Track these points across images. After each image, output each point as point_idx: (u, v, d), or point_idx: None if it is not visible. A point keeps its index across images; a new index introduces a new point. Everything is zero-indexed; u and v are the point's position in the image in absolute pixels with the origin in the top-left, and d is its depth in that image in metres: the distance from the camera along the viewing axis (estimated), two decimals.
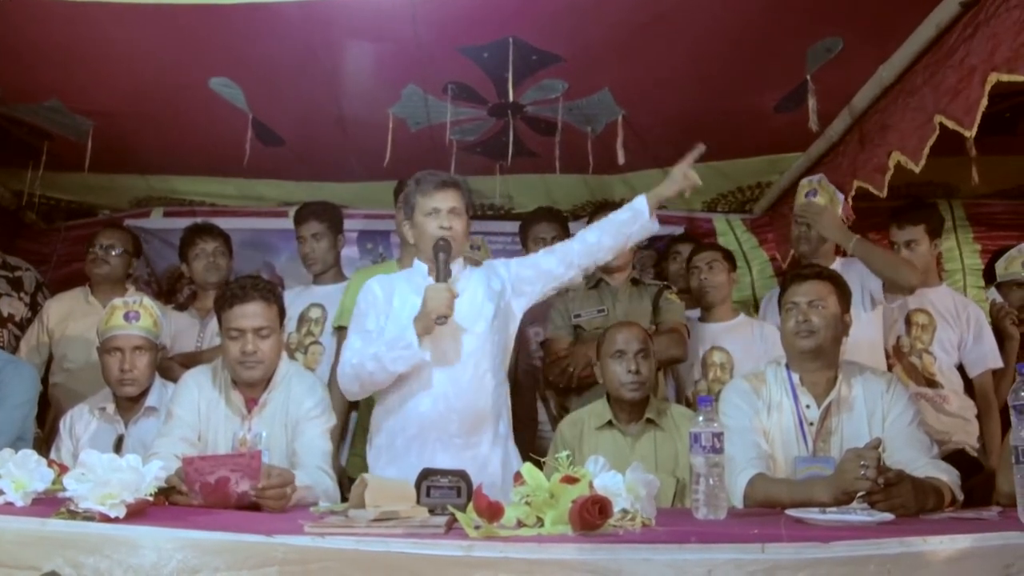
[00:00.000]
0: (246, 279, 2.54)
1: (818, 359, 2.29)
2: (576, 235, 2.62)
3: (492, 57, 2.74)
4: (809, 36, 2.64)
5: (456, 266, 2.50)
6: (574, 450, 2.45)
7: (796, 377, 2.32)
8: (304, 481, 2.14)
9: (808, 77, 2.83)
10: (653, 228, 2.57)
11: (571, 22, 2.56)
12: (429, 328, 2.30)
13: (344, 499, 2.26)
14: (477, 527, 1.48)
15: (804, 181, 3.27)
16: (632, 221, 2.54)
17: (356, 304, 2.55)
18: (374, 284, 2.53)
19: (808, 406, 2.29)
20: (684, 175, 2.50)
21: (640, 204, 2.53)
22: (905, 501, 1.82)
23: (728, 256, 3.41)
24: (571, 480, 1.60)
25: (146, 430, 2.68)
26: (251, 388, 2.46)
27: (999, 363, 3.27)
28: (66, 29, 2.54)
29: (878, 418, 2.24)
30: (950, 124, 2.46)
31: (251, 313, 2.42)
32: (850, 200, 3.20)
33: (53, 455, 2.67)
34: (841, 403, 2.28)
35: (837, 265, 3.16)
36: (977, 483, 2.61)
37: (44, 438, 3.08)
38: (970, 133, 2.36)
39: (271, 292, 2.50)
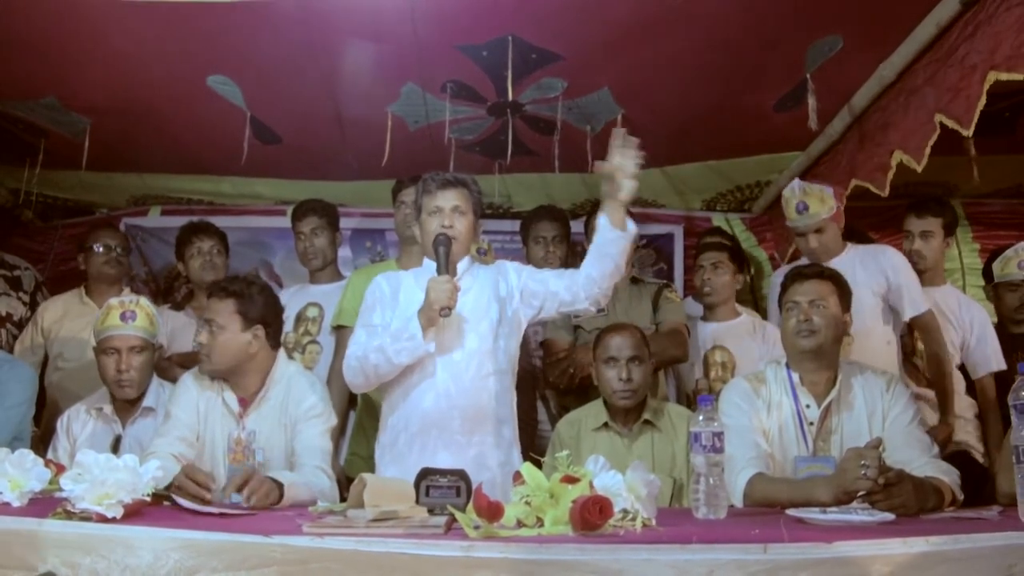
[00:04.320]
0: (233, 277, 2.57)
1: (818, 359, 2.29)
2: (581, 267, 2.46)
3: (491, 56, 2.73)
4: (809, 34, 2.63)
5: (463, 264, 2.50)
6: (572, 451, 2.44)
7: (796, 377, 2.32)
8: (302, 481, 2.13)
9: (808, 76, 2.82)
10: (626, 236, 2.36)
11: (571, 20, 2.55)
12: (433, 320, 2.30)
13: (343, 499, 2.26)
14: (477, 527, 1.47)
15: (787, 192, 3.13)
16: (606, 241, 2.36)
17: (364, 299, 2.55)
18: (381, 280, 2.55)
19: (808, 406, 2.28)
20: (613, 166, 2.27)
21: (602, 221, 2.36)
22: (906, 501, 1.81)
23: (735, 256, 3.39)
24: (571, 480, 1.60)
25: (144, 431, 2.67)
26: (243, 387, 2.45)
27: (1003, 365, 3.24)
28: (63, 25, 2.53)
29: (878, 417, 2.23)
30: (949, 123, 2.45)
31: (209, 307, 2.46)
32: (844, 200, 3.16)
33: (50, 455, 2.66)
34: (841, 402, 2.27)
35: (854, 254, 3.12)
36: (978, 484, 2.60)
37: (40, 437, 3.07)
38: (967, 132, 2.35)
39: (234, 290, 2.47)
